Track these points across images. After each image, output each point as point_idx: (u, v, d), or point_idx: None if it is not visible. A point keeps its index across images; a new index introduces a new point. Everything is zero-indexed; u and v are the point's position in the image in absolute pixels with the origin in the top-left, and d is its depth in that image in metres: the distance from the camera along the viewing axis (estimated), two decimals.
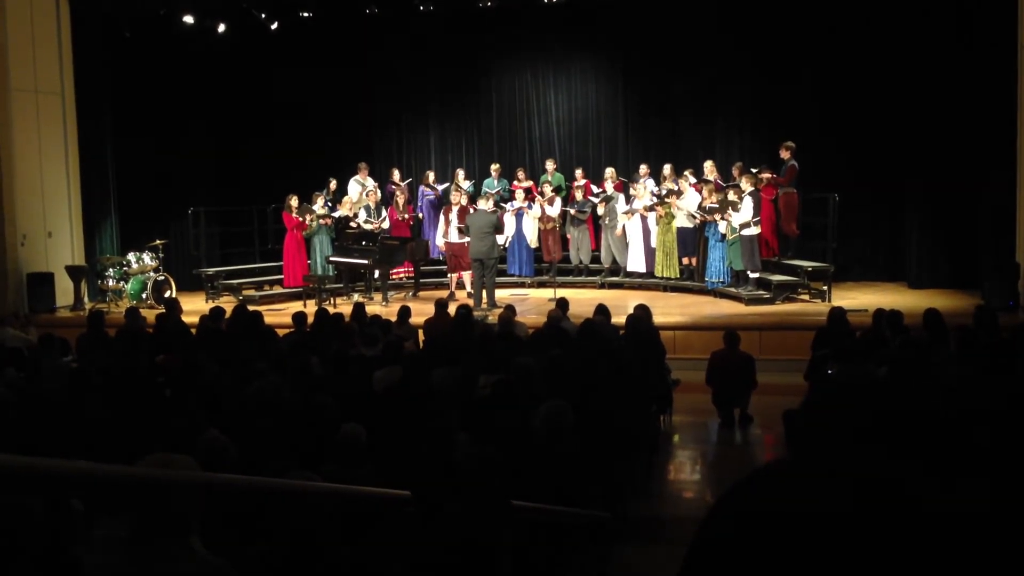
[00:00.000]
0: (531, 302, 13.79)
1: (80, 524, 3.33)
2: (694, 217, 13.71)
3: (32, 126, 14.46)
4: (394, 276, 15.00)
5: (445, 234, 14.49)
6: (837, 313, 9.07)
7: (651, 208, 14.34)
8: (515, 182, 15.60)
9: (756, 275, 13.03)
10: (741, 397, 8.93)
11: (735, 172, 13.79)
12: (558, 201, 15.06)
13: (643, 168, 14.91)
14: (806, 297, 13.09)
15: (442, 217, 14.68)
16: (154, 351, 8.49)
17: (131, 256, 14.92)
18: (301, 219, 14.58)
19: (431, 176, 15.85)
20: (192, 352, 7.92)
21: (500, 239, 13.73)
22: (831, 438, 1.13)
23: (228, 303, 13.02)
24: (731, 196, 12.97)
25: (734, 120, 15.56)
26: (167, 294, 14.19)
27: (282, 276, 15.06)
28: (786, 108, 14.65)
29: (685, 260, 14.17)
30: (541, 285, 15.25)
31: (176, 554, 2.53)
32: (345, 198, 15.15)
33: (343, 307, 12.53)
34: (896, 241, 14.60)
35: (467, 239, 13.53)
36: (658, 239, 14.34)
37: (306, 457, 4.65)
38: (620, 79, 16.22)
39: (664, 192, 14.15)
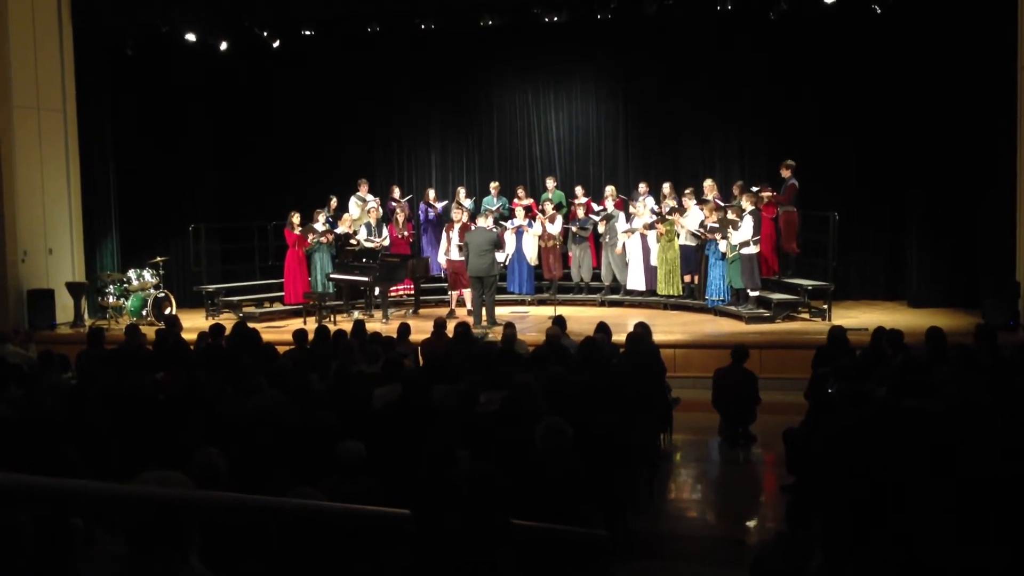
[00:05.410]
0: (531, 320, 13.78)
1: (79, 541, 3.32)
2: (696, 235, 13.72)
3: (34, 143, 14.50)
4: (394, 293, 15.00)
5: (446, 251, 14.49)
6: (837, 332, 9.06)
7: (651, 226, 14.36)
8: (515, 200, 15.62)
9: (756, 293, 13.03)
10: (745, 414, 8.91)
11: (735, 191, 13.83)
12: (559, 219, 15.08)
13: (643, 186, 14.93)
14: (806, 316, 13.08)
15: (444, 234, 14.68)
16: (154, 368, 8.47)
17: (131, 273, 14.91)
18: (304, 236, 14.60)
19: (431, 194, 15.88)
20: (192, 369, 7.91)
21: (500, 256, 13.73)
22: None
23: (228, 320, 13.03)
24: (731, 215, 12.98)
25: (734, 138, 15.57)
26: (167, 311, 14.17)
27: (283, 293, 15.07)
28: (786, 126, 14.69)
29: (687, 278, 14.16)
30: (541, 303, 15.24)
31: (174, 571, 2.52)
32: (345, 215, 15.19)
33: (343, 324, 12.53)
34: (896, 260, 14.60)
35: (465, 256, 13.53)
36: (660, 256, 14.35)
37: (306, 473, 4.64)
38: (621, 97, 16.26)
39: (667, 210, 14.17)
